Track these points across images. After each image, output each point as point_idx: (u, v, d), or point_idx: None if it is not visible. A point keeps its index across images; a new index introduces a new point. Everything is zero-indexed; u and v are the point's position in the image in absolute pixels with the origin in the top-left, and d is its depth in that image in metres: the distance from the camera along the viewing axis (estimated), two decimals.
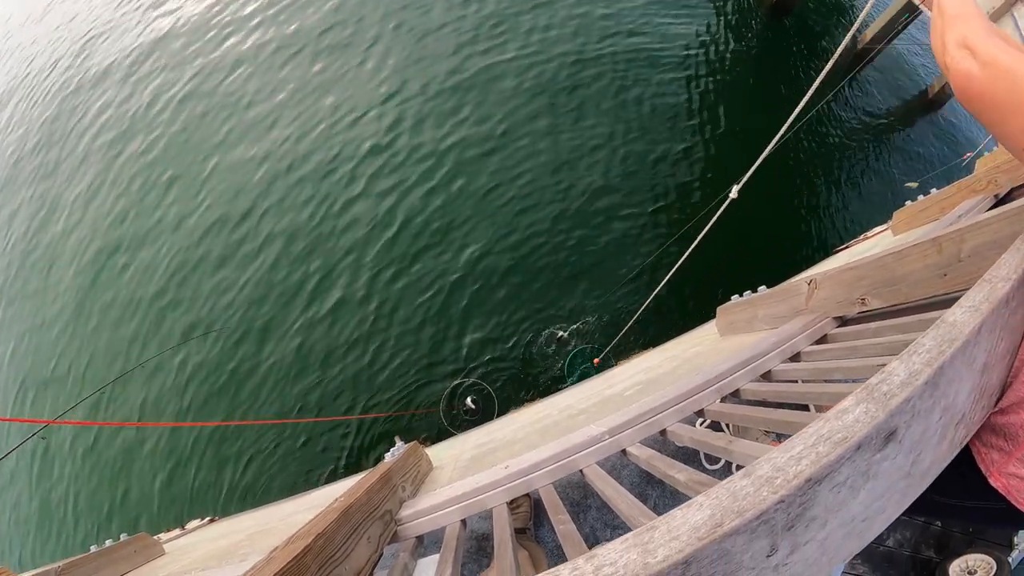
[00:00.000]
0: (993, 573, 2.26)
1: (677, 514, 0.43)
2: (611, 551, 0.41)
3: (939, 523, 2.35)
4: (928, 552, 2.37)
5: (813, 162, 6.57)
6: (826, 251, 5.54)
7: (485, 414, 5.07)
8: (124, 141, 7.73)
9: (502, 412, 5.05)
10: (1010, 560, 2.32)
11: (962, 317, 0.71)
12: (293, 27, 7.86)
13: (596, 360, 5.29)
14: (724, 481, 0.46)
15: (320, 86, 7.17)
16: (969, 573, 2.29)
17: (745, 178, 1.95)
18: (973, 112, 0.81)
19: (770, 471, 0.46)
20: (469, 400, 5.10)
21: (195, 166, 7.02)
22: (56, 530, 5.89)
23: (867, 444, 0.51)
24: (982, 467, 0.91)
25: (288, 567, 0.73)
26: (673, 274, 2.95)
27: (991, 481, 0.90)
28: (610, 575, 0.39)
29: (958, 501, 0.98)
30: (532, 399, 4.95)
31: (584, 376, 5.22)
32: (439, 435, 4.92)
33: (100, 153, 7.78)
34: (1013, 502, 0.88)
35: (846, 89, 7.53)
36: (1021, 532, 2.38)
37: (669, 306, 5.42)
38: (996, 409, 0.85)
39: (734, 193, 2.08)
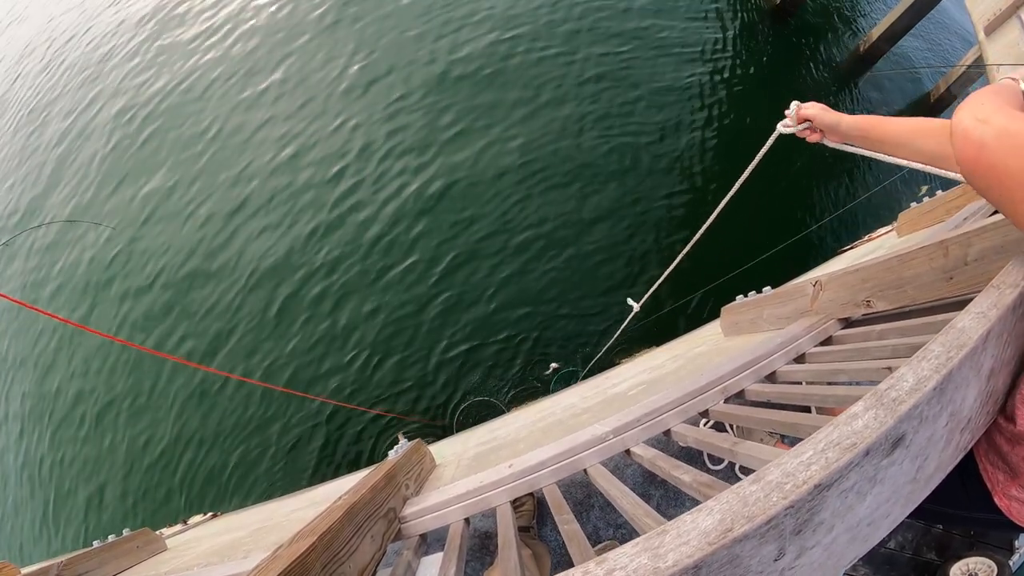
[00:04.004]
0: None
1: (687, 519, 0.43)
2: (622, 555, 0.42)
3: (940, 526, 2.35)
4: (929, 554, 2.36)
5: (815, 162, 6.53)
6: (829, 252, 5.52)
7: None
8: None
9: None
10: (1011, 564, 2.32)
11: (970, 323, 0.70)
12: None
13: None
14: (734, 486, 0.46)
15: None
16: None
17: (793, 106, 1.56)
18: (980, 188, 0.74)
19: (780, 476, 0.46)
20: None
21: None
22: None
23: (876, 450, 0.52)
24: (988, 484, 0.93)
25: (293, 566, 0.73)
26: (675, 271, 2.82)
27: (995, 500, 0.92)
28: None
29: (965, 512, 0.99)
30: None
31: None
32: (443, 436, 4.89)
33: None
34: (1015, 521, 0.90)
35: (852, 91, 7.50)
36: (1022, 536, 2.37)
37: (673, 305, 5.39)
38: (1004, 435, 0.86)
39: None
